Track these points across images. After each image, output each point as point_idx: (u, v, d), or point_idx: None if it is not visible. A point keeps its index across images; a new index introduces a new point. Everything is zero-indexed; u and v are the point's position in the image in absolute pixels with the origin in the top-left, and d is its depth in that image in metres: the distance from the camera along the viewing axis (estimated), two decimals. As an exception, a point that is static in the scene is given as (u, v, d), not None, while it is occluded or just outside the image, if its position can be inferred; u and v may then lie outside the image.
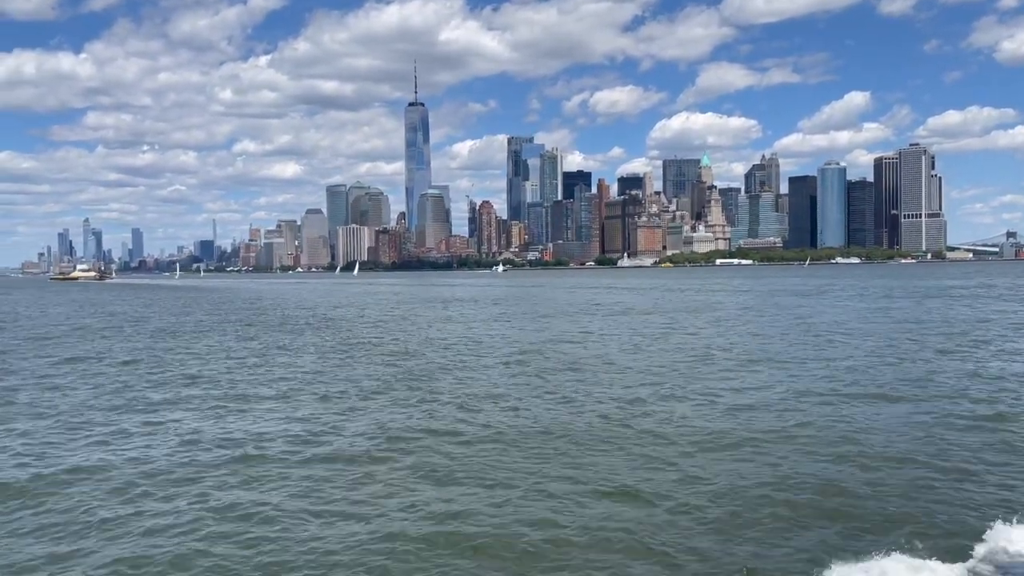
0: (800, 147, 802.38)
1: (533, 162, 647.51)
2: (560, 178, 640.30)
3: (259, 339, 41.43)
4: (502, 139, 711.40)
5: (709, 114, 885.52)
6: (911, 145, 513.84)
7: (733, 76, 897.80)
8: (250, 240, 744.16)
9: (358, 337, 41.80)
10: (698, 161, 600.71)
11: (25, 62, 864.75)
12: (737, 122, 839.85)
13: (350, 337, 41.86)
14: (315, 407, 20.58)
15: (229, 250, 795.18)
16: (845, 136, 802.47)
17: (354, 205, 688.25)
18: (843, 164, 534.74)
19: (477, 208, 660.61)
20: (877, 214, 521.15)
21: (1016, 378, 23.30)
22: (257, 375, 27.14)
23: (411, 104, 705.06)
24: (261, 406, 20.92)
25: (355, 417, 19.15)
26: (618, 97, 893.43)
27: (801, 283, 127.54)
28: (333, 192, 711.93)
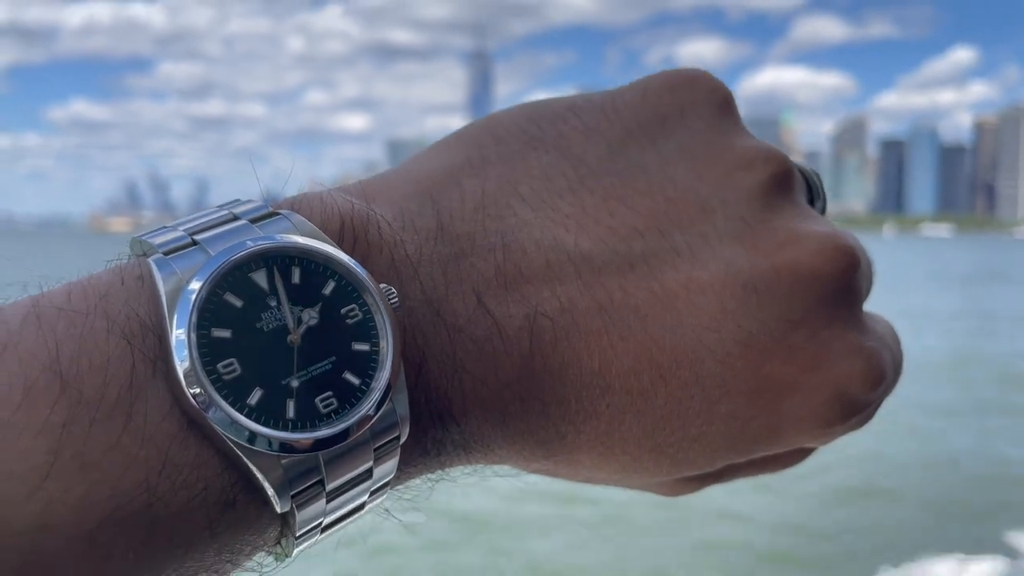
0: (898, 106, 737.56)
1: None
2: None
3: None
4: (576, 91, 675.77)
5: (800, 70, 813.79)
6: (1012, 107, 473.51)
7: (828, 28, 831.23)
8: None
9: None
10: (779, 121, 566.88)
11: (100, 10, 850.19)
12: (830, 78, 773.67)
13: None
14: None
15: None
16: (948, 96, 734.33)
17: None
18: (936, 127, 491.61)
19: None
20: (972, 180, 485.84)
21: None
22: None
23: (476, 55, 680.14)
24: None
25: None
26: (703, 49, 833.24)
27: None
28: (396, 146, 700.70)
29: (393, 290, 0.28)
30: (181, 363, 0.24)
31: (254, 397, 0.25)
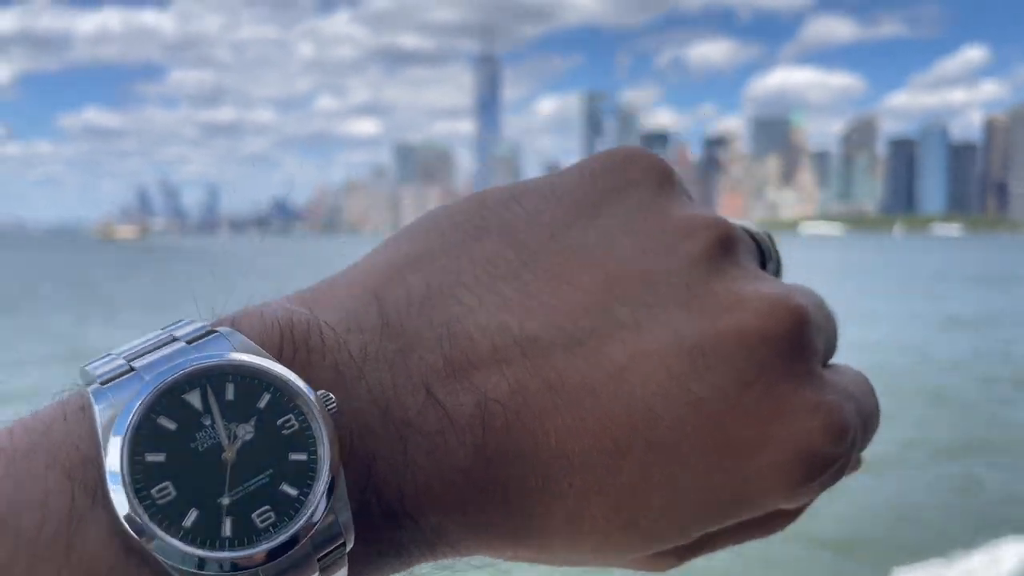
0: (908, 106, 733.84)
1: (612, 121, 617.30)
2: (638, 139, 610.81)
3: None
4: (581, 95, 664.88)
5: (810, 70, 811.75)
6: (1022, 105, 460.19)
7: (838, 29, 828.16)
8: (317, 200, 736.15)
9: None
10: (788, 121, 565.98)
11: (111, 18, 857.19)
12: (840, 79, 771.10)
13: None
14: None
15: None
16: (959, 95, 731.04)
17: (423, 165, 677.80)
18: (945, 126, 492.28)
19: (551, 170, 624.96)
20: (983, 179, 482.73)
21: None
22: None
23: (484, 59, 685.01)
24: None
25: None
26: (712, 51, 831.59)
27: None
28: (404, 150, 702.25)
29: (331, 395, 0.28)
30: (114, 491, 0.25)
31: (189, 519, 0.25)
